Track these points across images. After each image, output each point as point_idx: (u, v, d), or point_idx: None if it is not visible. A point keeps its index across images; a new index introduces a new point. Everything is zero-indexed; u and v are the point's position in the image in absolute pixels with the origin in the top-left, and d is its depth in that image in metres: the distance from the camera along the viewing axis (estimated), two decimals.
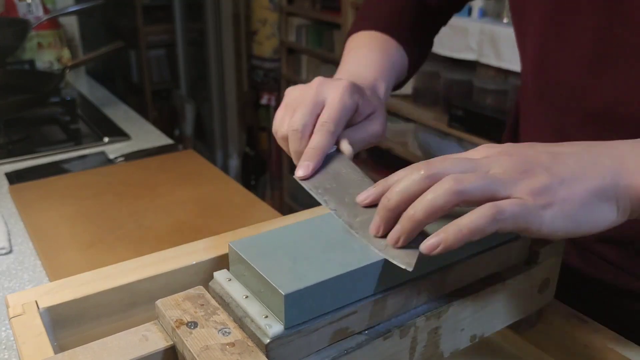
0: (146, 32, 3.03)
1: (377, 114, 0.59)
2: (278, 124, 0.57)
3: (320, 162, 0.53)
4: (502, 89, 1.86)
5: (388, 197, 0.42)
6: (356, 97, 0.55)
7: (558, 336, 0.55)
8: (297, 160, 0.54)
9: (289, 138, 0.54)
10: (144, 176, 1.12)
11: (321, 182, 0.52)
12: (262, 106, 3.03)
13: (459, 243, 0.39)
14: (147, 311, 0.54)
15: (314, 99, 0.54)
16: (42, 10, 1.71)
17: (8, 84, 1.47)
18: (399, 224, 0.42)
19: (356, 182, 0.52)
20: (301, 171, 0.52)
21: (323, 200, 0.49)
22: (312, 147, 0.53)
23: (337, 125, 0.54)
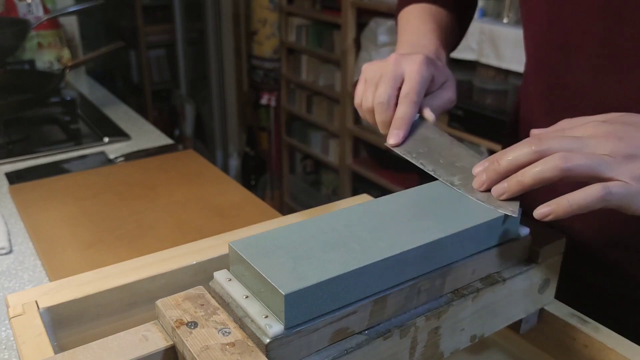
0: (146, 32, 3.03)
1: (449, 82, 0.63)
2: (360, 97, 0.62)
3: (408, 129, 0.58)
4: (502, 89, 1.86)
5: (499, 161, 0.47)
6: (432, 69, 0.60)
7: (558, 336, 0.55)
8: (384, 129, 0.59)
9: (375, 110, 0.59)
10: (144, 176, 1.12)
11: (413, 148, 0.57)
12: (262, 106, 3.03)
13: (567, 215, 0.44)
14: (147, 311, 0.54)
15: (394, 73, 0.59)
16: (42, 10, 1.71)
17: (8, 84, 1.47)
18: (506, 182, 0.47)
19: (446, 144, 0.57)
20: (392, 139, 0.57)
21: (419, 163, 0.55)
22: (399, 117, 0.58)
23: (419, 95, 0.58)
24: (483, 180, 0.49)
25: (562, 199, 0.44)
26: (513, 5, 1.76)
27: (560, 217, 0.44)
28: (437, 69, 0.61)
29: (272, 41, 2.85)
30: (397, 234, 0.45)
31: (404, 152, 0.57)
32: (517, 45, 1.69)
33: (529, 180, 0.45)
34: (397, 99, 0.59)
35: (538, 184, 0.45)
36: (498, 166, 0.47)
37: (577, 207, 0.43)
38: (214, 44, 2.89)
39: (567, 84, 0.62)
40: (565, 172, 0.43)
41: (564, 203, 0.44)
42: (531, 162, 0.45)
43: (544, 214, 0.44)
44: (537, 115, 0.69)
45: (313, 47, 2.70)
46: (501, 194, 0.47)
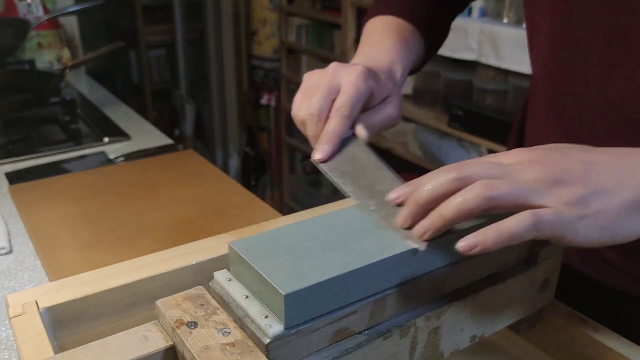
0: (146, 32, 3.03)
1: (392, 98, 0.60)
2: (296, 107, 0.59)
3: (337, 145, 0.55)
4: (502, 89, 1.86)
5: (419, 192, 0.43)
6: (371, 82, 0.57)
7: (558, 336, 0.55)
8: (315, 143, 0.56)
9: (306, 122, 0.57)
10: (144, 176, 1.12)
11: (338, 165, 0.54)
12: (262, 106, 3.03)
13: (497, 247, 0.40)
14: (147, 311, 0.54)
15: (330, 84, 0.56)
16: (42, 10, 1.71)
17: (8, 84, 1.47)
18: (428, 219, 0.43)
19: (371, 165, 0.54)
20: (318, 154, 0.54)
21: (341, 182, 0.52)
22: (328, 131, 0.55)
23: (352, 109, 0.55)
24: (406, 215, 0.44)
25: (489, 228, 0.40)
26: (513, 5, 1.76)
27: (488, 250, 0.40)
28: (377, 83, 0.58)
29: (272, 41, 2.85)
30: (397, 234, 0.45)
31: (328, 169, 0.53)
32: (517, 45, 1.69)
33: (451, 214, 0.41)
34: None
35: (462, 217, 0.41)
36: (418, 197, 0.43)
37: (508, 237, 0.39)
38: (214, 44, 2.89)
39: (575, 81, 0.62)
40: (490, 201, 0.40)
41: (492, 233, 0.40)
42: (452, 191, 0.42)
43: (470, 245, 0.40)
44: (544, 115, 0.68)
45: (313, 47, 2.70)
46: (424, 232, 0.43)
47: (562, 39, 0.62)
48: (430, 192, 0.43)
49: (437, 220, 0.42)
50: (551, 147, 0.45)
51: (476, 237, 0.40)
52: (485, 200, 0.40)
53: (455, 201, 0.41)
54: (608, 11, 0.57)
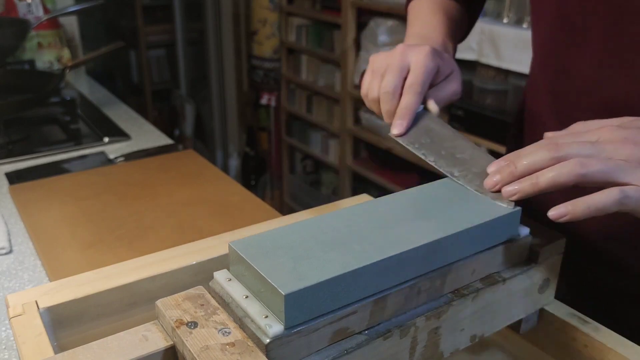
0: (146, 32, 3.03)
1: (455, 74, 0.63)
2: (367, 87, 0.62)
3: (412, 120, 0.58)
4: (502, 89, 1.86)
5: (516, 165, 0.47)
6: (437, 60, 0.60)
7: (558, 336, 0.55)
8: (388, 119, 0.60)
9: (381, 100, 0.60)
10: (144, 176, 1.12)
11: (416, 138, 0.57)
12: (262, 106, 3.03)
13: (584, 216, 0.44)
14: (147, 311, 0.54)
15: (400, 63, 0.59)
16: (42, 10, 1.71)
17: (8, 84, 1.47)
18: (520, 183, 0.47)
19: (449, 136, 0.58)
20: (396, 129, 0.58)
21: (421, 153, 0.55)
22: (403, 107, 0.58)
23: (423, 86, 0.59)
24: (497, 180, 0.49)
25: (579, 201, 0.44)
26: (513, 5, 1.76)
27: (576, 219, 0.44)
28: (442, 61, 0.61)
29: (272, 41, 2.85)
30: (397, 234, 0.45)
31: (407, 142, 0.57)
32: (517, 45, 1.69)
33: (544, 184, 0.45)
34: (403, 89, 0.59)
35: (553, 188, 0.45)
36: (514, 169, 0.47)
37: (595, 210, 0.44)
38: (214, 44, 2.89)
39: (573, 79, 0.62)
40: (582, 177, 0.44)
41: (581, 205, 0.44)
42: (547, 167, 0.45)
43: (561, 214, 0.44)
44: (543, 113, 0.69)
45: (313, 47, 2.70)
46: (513, 194, 0.47)
47: (560, 36, 0.62)
48: (526, 166, 0.46)
49: (529, 186, 0.46)
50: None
51: (566, 207, 0.44)
52: (577, 176, 0.44)
53: (550, 174, 0.45)
54: (606, 10, 0.57)
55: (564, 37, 0.62)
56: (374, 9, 2.26)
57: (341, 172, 2.64)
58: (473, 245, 0.48)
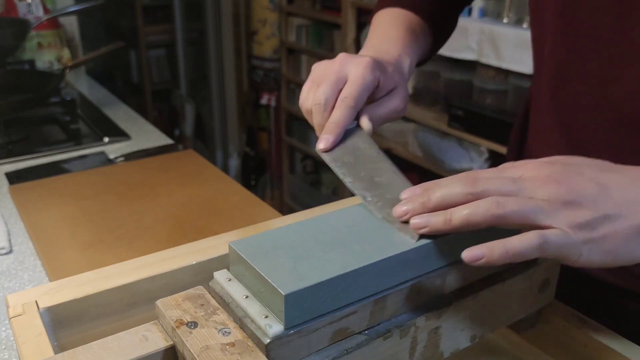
0: (146, 32, 3.03)
1: (399, 90, 0.61)
2: (304, 97, 0.60)
3: (340, 135, 0.55)
4: (502, 89, 1.86)
5: (429, 197, 0.44)
6: (377, 74, 0.57)
7: (558, 336, 0.55)
8: (318, 132, 0.57)
9: (312, 111, 0.57)
10: (144, 176, 1.12)
11: (340, 156, 0.55)
12: (262, 106, 3.03)
13: (501, 262, 0.41)
14: (147, 311, 0.54)
15: (337, 74, 0.57)
16: (42, 10, 1.71)
17: (8, 84, 1.47)
18: (432, 216, 0.43)
19: (373, 157, 0.54)
20: (322, 144, 0.55)
21: (341, 172, 0.52)
22: (333, 122, 0.55)
23: (358, 100, 0.56)
24: (406, 210, 0.45)
25: (497, 243, 0.41)
26: (513, 5, 1.76)
27: (493, 264, 0.41)
28: (384, 75, 0.58)
29: (272, 41, 2.85)
30: (397, 234, 0.45)
31: (330, 159, 0.54)
32: (517, 45, 1.69)
33: (457, 222, 0.42)
34: None
35: (467, 228, 0.42)
36: (428, 201, 0.44)
37: (513, 255, 0.40)
38: (214, 44, 2.89)
39: (575, 78, 0.62)
40: (497, 219, 0.41)
41: (498, 248, 0.40)
42: (462, 203, 0.42)
43: (477, 256, 0.41)
44: (545, 111, 0.68)
45: (313, 47, 2.70)
46: (422, 227, 0.43)
47: (564, 36, 0.62)
48: (440, 199, 0.43)
49: (441, 222, 0.43)
50: (569, 162, 0.45)
51: (482, 250, 0.41)
52: (493, 217, 0.41)
53: (464, 212, 0.42)
54: (610, 10, 0.57)
55: (566, 36, 0.62)
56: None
57: None
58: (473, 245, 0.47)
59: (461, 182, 0.43)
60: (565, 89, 0.64)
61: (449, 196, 0.43)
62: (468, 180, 0.43)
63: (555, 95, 0.66)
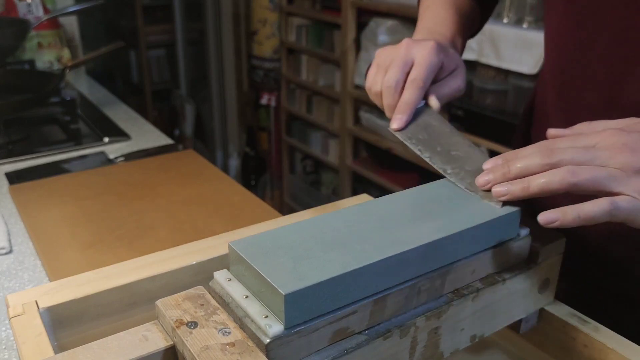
0: (146, 32, 3.03)
1: (459, 70, 0.63)
2: (371, 81, 0.62)
3: (412, 115, 0.58)
4: (502, 89, 1.86)
5: (509, 167, 0.47)
6: (441, 56, 0.60)
7: (558, 336, 0.55)
8: (390, 113, 0.59)
9: (383, 94, 0.60)
10: (144, 176, 1.12)
11: (414, 133, 0.58)
12: (262, 106, 3.03)
13: (574, 225, 0.44)
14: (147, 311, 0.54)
15: (404, 58, 0.59)
16: (42, 10, 1.71)
17: (8, 84, 1.47)
18: (512, 184, 0.47)
19: (446, 133, 0.58)
20: (395, 124, 0.58)
21: (417, 149, 0.55)
22: (404, 102, 0.58)
23: (426, 81, 0.59)
24: (489, 179, 0.49)
25: (569, 208, 0.44)
26: (513, 5, 1.76)
27: (566, 226, 0.44)
28: (447, 56, 0.61)
29: (272, 41, 2.85)
30: (397, 234, 0.45)
31: (405, 137, 0.57)
32: (517, 45, 1.69)
33: (535, 190, 0.45)
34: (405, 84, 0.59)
35: (543, 194, 0.45)
36: (507, 172, 0.47)
37: (584, 219, 0.44)
38: (214, 44, 2.89)
39: (580, 76, 0.62)
40: (572, 186, 0.44)
41: (571, 213, 0.44)
42: (540, 172, 0.46)
43: (551, 219, 0.44)
44: (550, 108, 0.68)
45: (313, 47, 2.70)
46: (503, 194, 0.47)
47: (570, 33, 0.62)
48: (519, 169, 0.47)
49: (520, 189, 0.46)
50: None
51: (557, 213, 0.44)
52: (569, 185, 0.44)
53: (541, 180, 0.45)
54: (615, 9, 0.57)
55: (572, 35, 0.62)
56: (374, 9, 2.26)
57: (341, 172, 2.64)
58: (473, 245, 0.48)
59: (539, 153, 0.46)
60: (570, 87, 0.64)
61: (527, 166, 0.46)
62: (545, 152, 0.46)
63: (560, 91, 0.65)
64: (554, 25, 0.66)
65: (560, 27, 0.64)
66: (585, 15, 0.60)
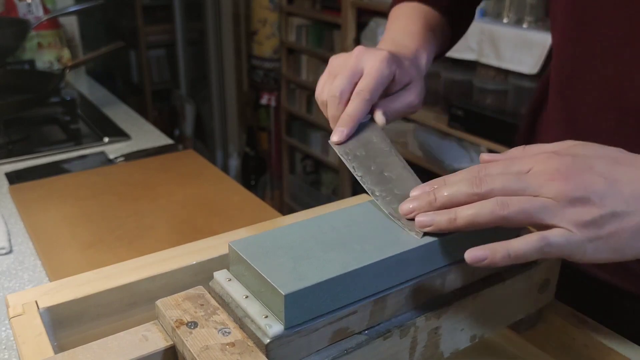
0: (146, 32, 3.03)
1: (414, 84, 0.61)
2: (320, 89, 0.60)
3: (354, 128, 0.55)
4: (502, 89, 1.86)
5: (435, 195, 0.44)
6: (393, 67, 0.57)
7: (558, 336, 0.55)
8: (334, 125, 0.56)
9: (327, 103, 0.57)
10: (144, 176, 1.12)
11: (352, 149, 0.55)
12: (262, 106, 3.03)
13: (503, 264, 0.41)
14: (147, 311, 0.54)
15: (353, 67, 0.57)
16: (42, 10, 1.71)
17: (8, 84, 1.47)
18: (436, 214, 0.44)
19: (384, 152, 0.55)
20: (336, 136, 0.55)
21: (351, 166, 0.53)
22: (347, 114, 0.55)
23: (373, 94, 0.56)
24: (413, 207, 0.45)
25: (499, 245, 0.41)
26: (513, 5, 1.76)
27: (495, 265, 0.41)
28: (400, 68, 0.58)
29: (272, 41, 2.85)
30: (397, 234, 0.45)
31: (342, 152, 0.54)
32: (517, 45, 1.69)
33: (462, 223, 0.42)
34: None
35: (471, 228, 0.42)
36: (434, 200, 0.44)
37: (515, 257, 0.41)
38: (214, 44, 2.89)
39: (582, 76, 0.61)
40: (502, 219, 0.41)
41: (501, 251, 0.41)
42: (468, 202, 0.43)
43: (479, 258, 0.41)
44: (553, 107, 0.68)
45: (313, 47, 2.70)
46: (426, 225, 0.44)
47: (572, 32, 0.62)
48: (446, 198, 0.44)
49: (445, 221, 0.43)
50: (580, 153, 0.44)
51: (485, 252, 0.41)
52: (497, 218, 0.41)
53: (468, 212, 0.42)
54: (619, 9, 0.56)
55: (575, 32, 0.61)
56: (374, 9, 2.26)
57: (341, 172, 2.64)
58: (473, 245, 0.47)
59: (467, 182, 0.44)
60: (572, 85, 0.63)
61: (454, 196, 0.43)
62: (474, 180, 0.43)
63: (562, 90, 0.65)
64: (557, 24, 0.65)
65: (562, 26, 0.63)
66: (588, 14, 0.59)
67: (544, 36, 1.61)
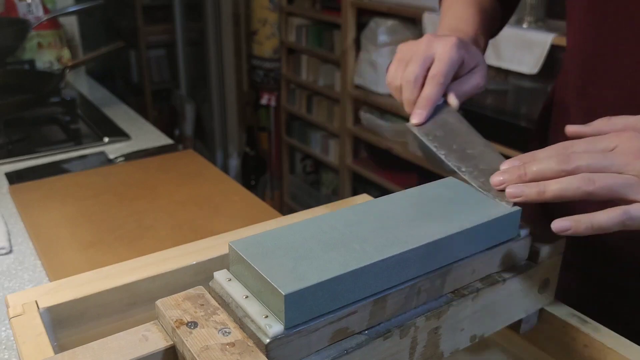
0: (146, 32, 3.03)
1: (480, 67, 0.63)
2: (392, 76, 0.62)
3: (431, 111, 0.59)
4: (502, 89, 1.86)
5: (525, 170, 0.48)
6: (462, 52, 0.60)
7: (558, 336, 0.55)
8: (409, 108, 0.60)
9: (402, 88, 0.60)
10: (144, 176, 1.12)
11: (431, 130, 0.58)
12: (262, 106, 3.03)
13: (586, 234, 0.44)
14: (147, 311, 0.54)
15: (425, 53, 0.60)
16: (42, 10, 1.71)
17: (8, 84, 1.47)
18: (526, 187, 0.47)
19: (463, 131, 0.58)
20: (416, 118, 0.58)
21: (434, 146, 0.55)
22: (424, 97, 0.59)
23: (446, 77, 0.59)
24: (503, 180, 0.49)
25: (583, 217, 0.44)
26: None
27: (579, 235, 0.44)
28: (468, 53, 0.61)
29: (272, 41, 2.85)
30: (397, 234, 0.45)
31: (422, 133, 0.57)
32: (517, 45, 1.69)
33: (550, 195, 0.45)
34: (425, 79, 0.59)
35: (557, 200, 0.45)
36: (523, 174, 0.47)
37: (597, 228, 0.44)
38: (214, 44, 2.89)
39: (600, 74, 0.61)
40: (588, 195, 0.44)
41: (584, 222, 0.44)
42: (556, 177, 0.46)
43: (564, 227, 0.44)
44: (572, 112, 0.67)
45: (313, 47, 2.70)
46: (517, 196, 0.47)
47: (592, 29, 0.62)
48: (535, 173, 0.47)
49: (535, 193, 0.46)
50: None
51: (570, 222, 0.44)
52: (583, 193, 0.44)
53: (557, 186, 0.45)
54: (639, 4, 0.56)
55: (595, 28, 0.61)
56: (374, 9, 2.26)
57: (341, 172, 2.64)
58: (473, 245, 0.48)
59: (556, 158, 0.46)
60: (592, 86, 0.63)
61: (543, 171, 0.46)
62: (561, 157, 0.46)
63: (582, 93, 0.65)
64: (576, 21, 0.65)
65: (582, 23, 0.63)
66: (608, 11, 0.59)
67: (544, 36, 1.61)
